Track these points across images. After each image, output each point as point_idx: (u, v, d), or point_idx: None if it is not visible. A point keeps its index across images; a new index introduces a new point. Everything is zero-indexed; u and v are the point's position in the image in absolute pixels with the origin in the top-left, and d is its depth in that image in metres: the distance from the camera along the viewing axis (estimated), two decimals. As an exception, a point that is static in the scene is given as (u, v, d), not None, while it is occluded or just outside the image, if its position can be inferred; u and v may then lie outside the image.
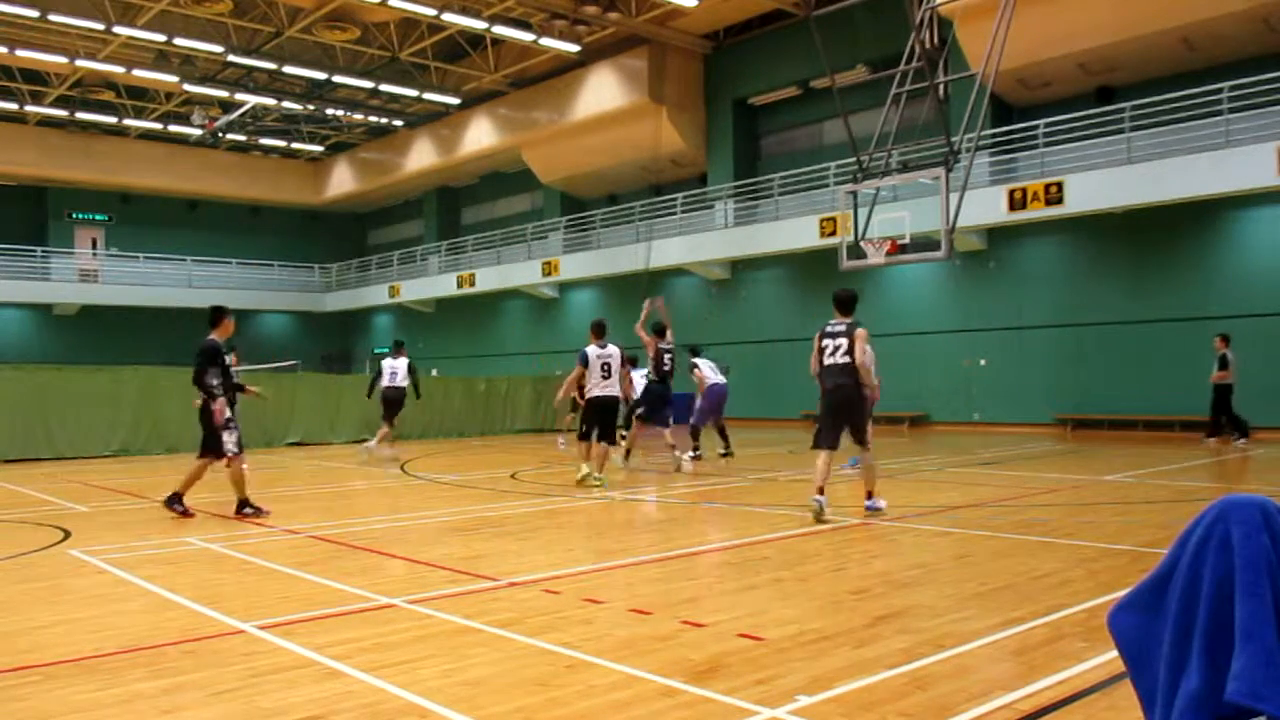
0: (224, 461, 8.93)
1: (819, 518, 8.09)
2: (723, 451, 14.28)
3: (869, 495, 8.61)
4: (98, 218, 36.83)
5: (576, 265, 28.58)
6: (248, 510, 9.05)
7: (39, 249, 33.92)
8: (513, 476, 12.69)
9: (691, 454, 14.14)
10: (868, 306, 22.67)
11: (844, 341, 8.26)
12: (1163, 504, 9.33)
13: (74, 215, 36.34)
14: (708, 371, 14.47)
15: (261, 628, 4.81)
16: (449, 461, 15.25)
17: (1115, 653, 2.22)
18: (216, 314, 9.13)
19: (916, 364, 21.50)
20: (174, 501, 9.00)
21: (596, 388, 11.40)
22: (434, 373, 30.90)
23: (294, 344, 38.71)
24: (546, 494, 10.75)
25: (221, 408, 8.79)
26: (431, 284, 34.34)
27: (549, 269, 29.29)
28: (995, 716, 3.43)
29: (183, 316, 35.79)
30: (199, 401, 8.92)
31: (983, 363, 21.12)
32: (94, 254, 36.49)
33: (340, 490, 11.60)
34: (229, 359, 9.57)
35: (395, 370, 15.77)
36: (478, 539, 7.73)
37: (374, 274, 38.14)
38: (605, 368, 11.37)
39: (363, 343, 40.71)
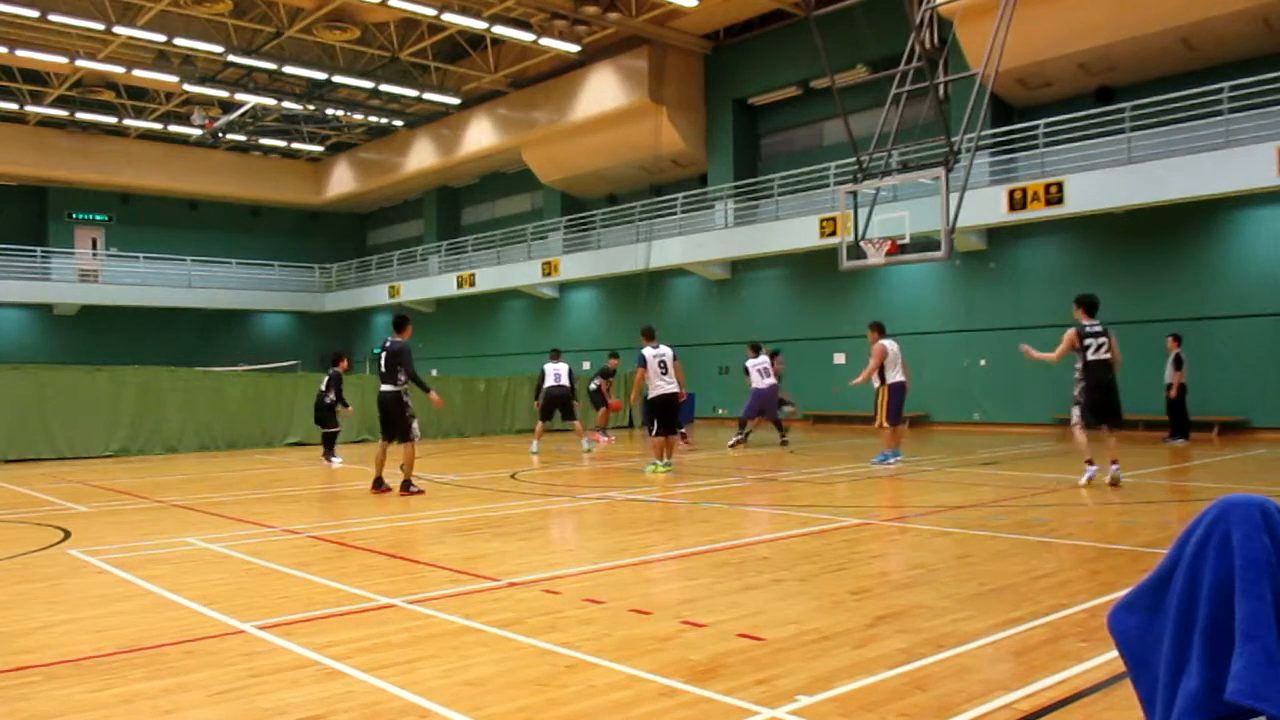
0: (387, 443, 10.73)
1: (1092, 481, 10.03)
2: (782, 441, 16.83)
3: (1092, 463, 10.40)
4: (98, 218, 36.82)
5: (576, 265, 28.57)
6: (411, 489, 10.42)
7: (39, 249, 33.91)
8: (513, 476, 12.69)
9: (736, 438, 16.57)
10: (867, 307, 22.79)
11: (1105, 340, 10.26)
12: (1163, 504, 9.33)
13: (74, 215, 36.32)
14: (755, 375, 16.53)
15: (261, 628, 4.81)
16: (449, 461, 15.25)
17: (1115, 653, 2.22)
18: (402, 321, 10.80)
19: (916, 364, 21.32)
20: (408, 486, 10.45)
21: (656, 385, 12.78)
22: (434, 373, 30.92)
23: (294, 344, 38.74)
24: (546, 494, 10.76)
25: (411, 404, 10.61)
26: (431, 284, 34.33)
27: (549, 269, 29.29)
28: (995, 716, 3.43)
29: (183, 316, 35.92)
30: (389, 391, 10.47)
31: (982, 363, 21.12)
32: (94, 254, 36.48)
33: (340, 490, 11.60)
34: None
35: (559, 373, 16.96)
36: (478, 539, 7.73)
37: (374, 274, 38.14)
38: (662, 365, 12.82)
39: (363, 343, 40.68)
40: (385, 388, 10.54)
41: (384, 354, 10.59)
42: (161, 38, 24.76)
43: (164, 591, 5.74)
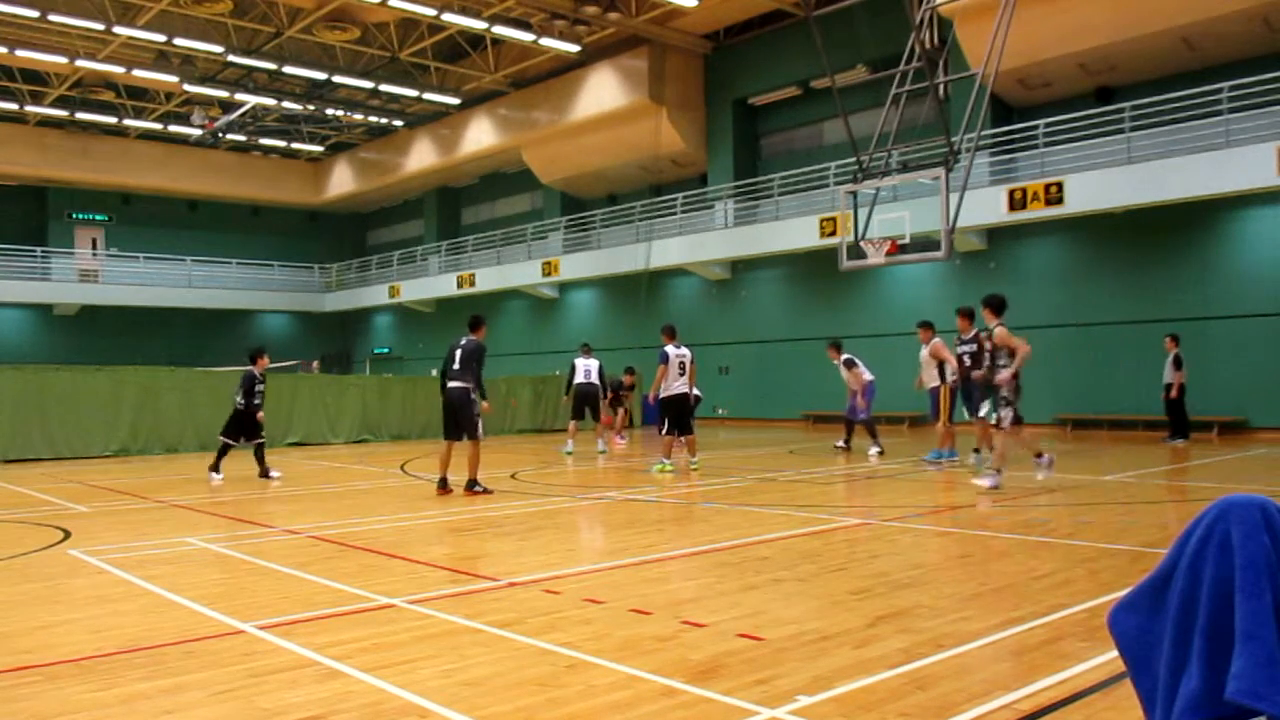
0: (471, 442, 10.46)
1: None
2: (843, 444, 15.55)
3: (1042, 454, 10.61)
4: (98, 218, 36.82)
5: (576, 265, 28.57)
6: (477, 489, 10.40)
7: (39, 249, 33.91)
8: (513, 476, 12.69)
9: (876, 449, 14.96)
10: (867, 307, 22.79)
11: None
12: (1163, 504, 9.33)
13: (74, 215, 36.32)
14: (862, 366, 15.41)
15: (261, 628, 4.81)
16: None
17: (1115, 653, 2.22)
18: (478, 321, 10.88)
19: (916, 364, 21.47)
20: (473, 486, 10.40)
21: (675, 385, 12.81)
22: (433, 373, 30.93)
23: (294, 344, 38.72)
24: (546, 494, 10.76)
25: (479, 402, 10.46)
26: (431, 284, 34.33)
27: (549, 269, 29.29)
28: (995, 716, 3.43)
29: (183, 316, 35.92)
30: (458, 388, 10.32)
31: (983, 363, 21.09)
32: (94, 254, 36.48)
33: (340, 490, 11.60)
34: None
35: (589, 369, 16.55)
36: (478, 539, 7.73)
37: (374, 274, 38.14)
38: (681, 366, 12.86)
39: (363, 343, 40.70)
40: (454, 384, 10.37)
41: (458, 351, 10.46)
42: (161, 38, 24.76)
43: (164, 591, 5.74)
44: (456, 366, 10.39)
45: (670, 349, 12.90)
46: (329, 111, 31.89)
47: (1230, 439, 16.99)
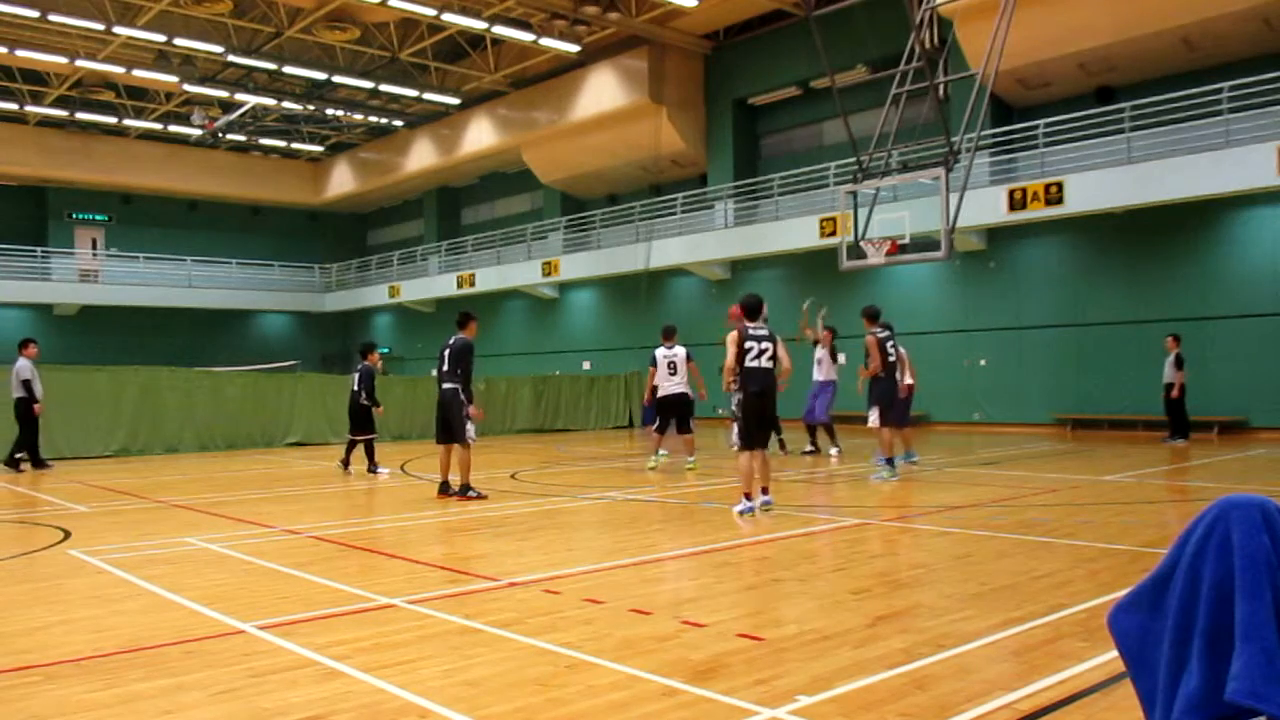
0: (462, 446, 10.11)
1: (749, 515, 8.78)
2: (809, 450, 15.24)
3: (750, 496, 8.68)
4: (98, 218, 36.82)
5: (576, 265, 28.57)
6: (471, 494, 10.04)
7: (39, 249, 33.91)
8: (513, 476, 12.70)
9: (835, 450, 14.83)
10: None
11: (770, 346, 8.64)
12: (1163, 504, 9.33)
13: (74, 215, 36.32)
14: (829, 363, 14.87)
15: (261, 628, 4.81)
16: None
17: (1115, 653, 2.22)
18: (466, 317, 10.51)
19: (916, 364, 21.41)
20: (466, 490, 10.05)
21: (665, 385, 12.86)
22: (433, 373, 30.93)
23: (294, 344, 38.72)
24: (546, 494, 10.76)
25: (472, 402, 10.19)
26: (431, 284, 34.33)
27: (549, 269, 29.29)
28: (995, 716, 3.43)
29: (183, 316, 35.92)
30: (449, 389, 10.03)
31: (983, 363, 21.11)
32: (94, 254, 36.48)
33: (340, 490, 11.60)
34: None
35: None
36: (478, 539, 7.73)
37: (374, 274, 38.13)
38: (671, 366, 12.87)
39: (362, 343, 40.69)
40: (445, 385, 10.15)
41: (447, 351, 10.22)
42: (161, 38, 24.76)
43: (164, 591, 5.74)
44: (446, 367, 10.21)
45: (660, 350, 12.99)
46: (329, 111, 31.89)
47: (1230, 439, 16.98)
